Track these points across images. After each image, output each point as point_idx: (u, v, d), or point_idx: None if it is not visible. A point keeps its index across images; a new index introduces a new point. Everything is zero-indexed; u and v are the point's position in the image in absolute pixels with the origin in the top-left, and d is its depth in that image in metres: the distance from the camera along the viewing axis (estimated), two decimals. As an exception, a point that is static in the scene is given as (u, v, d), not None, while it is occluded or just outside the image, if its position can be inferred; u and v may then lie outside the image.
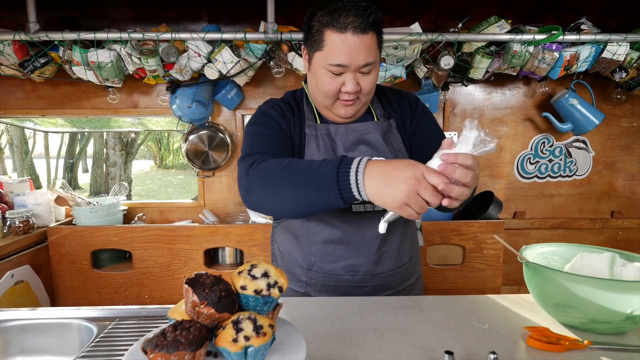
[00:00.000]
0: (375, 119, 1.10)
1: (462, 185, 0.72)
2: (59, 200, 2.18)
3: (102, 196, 2.35)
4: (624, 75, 2.04)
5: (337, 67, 0.94)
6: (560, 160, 2.43)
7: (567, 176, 2.45)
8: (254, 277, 0.63)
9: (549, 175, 2.45)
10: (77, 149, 11.14)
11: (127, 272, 2.07)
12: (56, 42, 1.82)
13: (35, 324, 1.01)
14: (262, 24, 1.89)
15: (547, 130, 2.40)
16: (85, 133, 10.05)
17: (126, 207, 2.31)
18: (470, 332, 0.85)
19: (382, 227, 0.83)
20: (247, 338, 0.56)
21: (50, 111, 2.24)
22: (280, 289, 0.63)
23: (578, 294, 0.80)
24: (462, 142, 0.73)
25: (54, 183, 10.07)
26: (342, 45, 0.92)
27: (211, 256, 2.19)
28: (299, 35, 1.81)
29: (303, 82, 1.16)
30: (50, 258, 2.03)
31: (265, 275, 0.63)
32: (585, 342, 0.77)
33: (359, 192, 0.76)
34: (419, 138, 1.12)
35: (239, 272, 0.64)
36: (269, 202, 0.86)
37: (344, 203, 0.78)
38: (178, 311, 0.64)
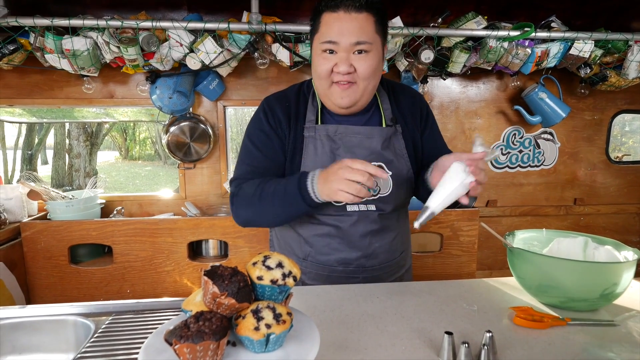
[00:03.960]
0: (383, 124, 1.11)
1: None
2: (32, 194, 2.08)
3: (66, 189, 2.27)
4: (588, 71, 2.17)
5: (328, 44, 0.97)
6: (530, 151, 2.57)
7: (536, 166, 2.60)
8: (269, 268, 0.65)
9: (519, 165, 2.59)
10: (36, 140, 10.51)
11: (108, 267, 2.02)
12: (27, 28, 1.72)
13: (27, 321, 0.98)
14: (245, 14, 1.87)
15: (518, 122, 2.53)
16: (44, 123, 9.52)
17: (104, 201, 2.24)
18: (462, 313, 0.92)
19: (416, 224, 0.92)
20: (268, 326, 0.58)
21: (18, 101, 2.12)
22: (295, 278, 0.66)
23: (559, 276, 0.87)
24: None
25: (12, 176, 9.50)
26: (333, 23, 0.96)
27: (194, 249, 2.17)
28: (284, 27, 1.80)
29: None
30: (25, 255, 1.95)
31: (280, 265, 0.66)
32: (565, 319, 0.85)
33: (316, 196, 0.93)
34: (428, 145, 1.16)
35: (254, 263, 0.66)
36: (256, 221, 1.09)
37: (309, 208, 0.96)
38: (193, 302, 0.66)
